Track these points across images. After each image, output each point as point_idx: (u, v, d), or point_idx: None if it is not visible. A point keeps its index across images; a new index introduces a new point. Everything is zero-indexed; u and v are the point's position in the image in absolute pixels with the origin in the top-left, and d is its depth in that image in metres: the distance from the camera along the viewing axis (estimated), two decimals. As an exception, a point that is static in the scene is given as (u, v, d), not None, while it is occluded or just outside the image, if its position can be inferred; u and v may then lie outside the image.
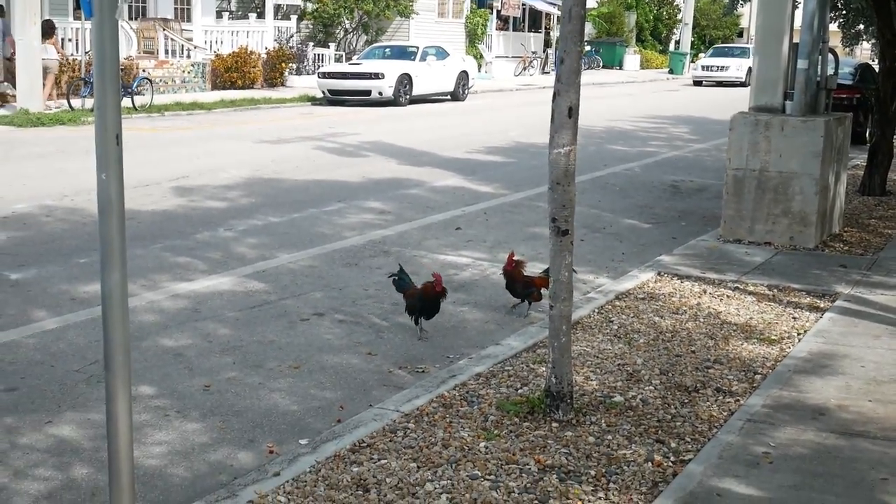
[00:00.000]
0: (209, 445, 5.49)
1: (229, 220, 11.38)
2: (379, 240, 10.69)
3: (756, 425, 5.55)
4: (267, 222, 11.38)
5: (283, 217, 11.69)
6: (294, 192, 13.41)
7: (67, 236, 10.26)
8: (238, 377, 6.51)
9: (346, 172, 15.33)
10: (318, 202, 12.72)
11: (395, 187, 14.14)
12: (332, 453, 5.11)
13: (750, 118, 10.54)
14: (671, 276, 9.05)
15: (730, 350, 6.97)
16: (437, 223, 11.74)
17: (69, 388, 6.19)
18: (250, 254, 9.84)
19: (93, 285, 8.44)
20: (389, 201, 13.01)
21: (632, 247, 10.84)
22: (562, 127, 5.50)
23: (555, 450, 5.19)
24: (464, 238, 10.95)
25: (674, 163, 18.24)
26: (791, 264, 9.64)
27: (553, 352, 5.64)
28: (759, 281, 8.94)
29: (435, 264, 9.63)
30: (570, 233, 5.60)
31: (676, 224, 12.25)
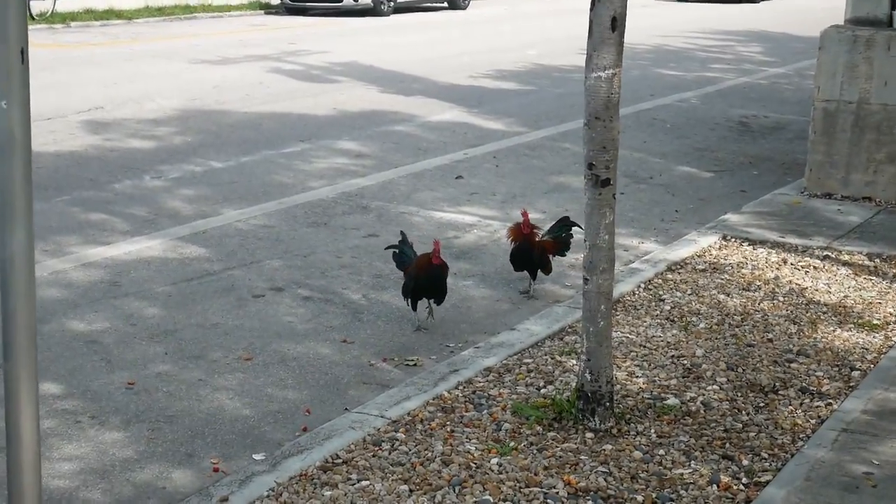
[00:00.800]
0: (134, 461, 5.45)
1: (158, 166, 11.34)
2: (355, 191, 10.66)
3: (854, 437, 5.52)
4: (208, 168, 11.35)
5: (229, 161, 11.66)
6: (243, 129, 13.37)
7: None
8: (171, 372, 6.48)
9: (311, 103, 15.29)
10: (274, 142, 12.68)
11: (376, 123, 14.10)
12: (296, 472, 5.06)
13: (846, 34, 10.47)
14: (740, 241, 9.03)
15: (819, 338, 6.94)
16: (431, 170, 11.72)
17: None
18: (186, 209, 9.82)
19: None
20: (369, 141, 12.99)
21: (687, 202, 10.83)
22: (603, 43, 5.43)
23: (590, 468, 5.16)
24: (467, 190, 10.93)
25: (743, 92, 18.20)
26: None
27: (588, 339, 5.61)
28: (857, 248, 8.91)
29: (429, 224, 9.62)
30: (612, 183, 5.56)
31: (747, 172, 12.23)
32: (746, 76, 20.15)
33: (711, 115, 15.77)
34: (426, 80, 17.78)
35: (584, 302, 5.69)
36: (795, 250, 8.84)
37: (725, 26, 28.92)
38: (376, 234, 9.27)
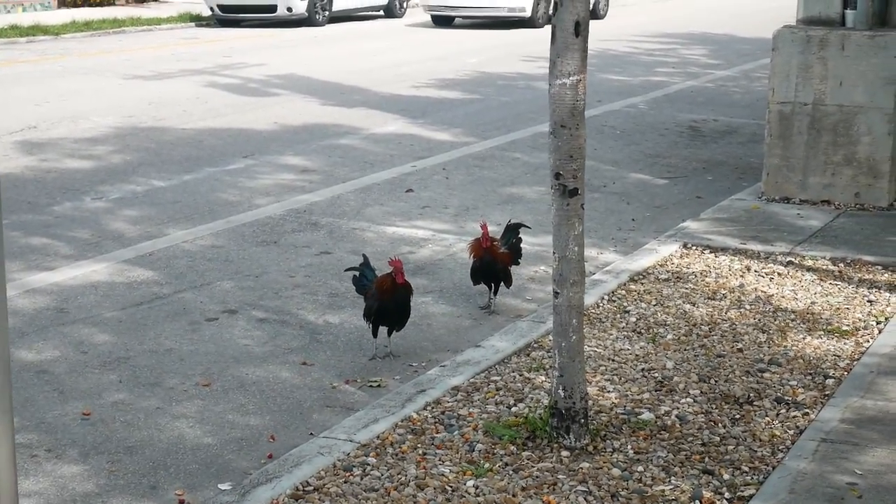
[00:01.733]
0: (95, 495, 5.38)
1: (98, 186, 11.25)
2: (304, 208, 10.62)
3: (835, 447, 5.54)
4: (150, 187, 11.26)
5: (172, 180, 11.57)
6: (183, 146, 13.28)
7: None
8: (127, 400, 6.41)
9: (251, 118, 15.24)
10: (216, 159, 12.62)
11: (320, 136, 14.06)
12: (266, 501, 5.01)
13: (799, 34, 10.55)
14: (701, 249, 9.06)
15: (789, 346, 6.98)
16: (380, 184, 11.70)
17: None
18: (130, 231, 9.74)
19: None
20: (314, 155, 12.95)
21: (644, 210, 10.87)
22: (567, 49, 5.42)
23: (569, 487, 5.15)
24: (418, 203, 10.91)
25: (690, 96, 18.32)
26: (860, 229, 9.70)
27: (560, 355, 5.60)
28: (820, 252, 8.97)
29: (382, 239, 9.60)
30: (580, 193, 5.54)
31: (701, 178, 12.29)
32: (693, 79, 20.28)
33: (661, 121, 15.85)
34: (367, 90, 17.76)
35: (555, 316, 5.67)
36: (758, 257, 8.89)
37: (667, 29, 29.08)
38: (329, 252, 9.23)
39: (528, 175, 12.17)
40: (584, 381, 5.67)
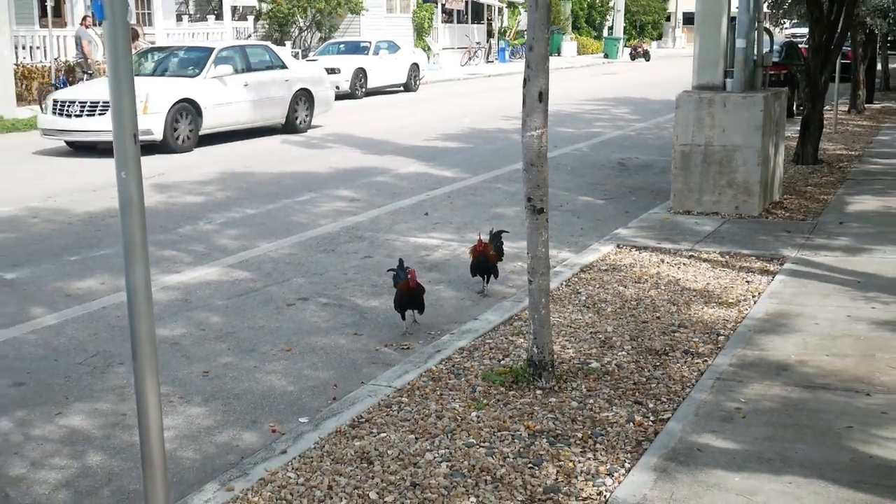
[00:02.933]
0: (214, 428, 5.43)
1: (208, 214, 11.25)
2: (352, 226, 10.62)
3: (725, 383, 5.58)
4: (244, 214, 11.27)
5: (259, 209, 11.58)
6: (266, 185, 13.28)
7: (56, 236, 10.09)
8: (234, 362, 6.44)
9: (313, 164, 15.22)
10: (290, 193, 12.61)
11: (362, 176, 14.06)
12: (333, 429, 5.06)
13: (694, 96, 10.59)
14: (629, 248, 9.08)
15: (692, 314, 7.01)
16: (405, 208, 11.69)
17: (74, 381, 6.10)
18: (232, 244, 9.75)
19: (86, 282, 8.32)
20: (358, 189, 12.94)
21: (589, 222, 10.87)
22: (533, 111, 5.47)
23: (542, 416, 5.19)
24: (431, 221, 10.91)
25: (618, 142, 18.30)
26: (739, 232, 9.72)
27: (534, 324, 5.63)
28: (712, 248, 9.00)
29: (407, 246, 9.61)
30: (545, 211, 5.58)
31: (627, 199, 12.29)
32: (620, 130, 20.24)
33: (599, 159, 15.83)
34: (394, 143, 17.73)
35: (530, 297, 5.71)
36: (669, 252, 8.90)
37: (601, 95, 29.05)
38: (370, 256, 9.24)
39: (507, 199, 12.18)
40: (551, 342, 5.70)
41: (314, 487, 4.43)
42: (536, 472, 4.55)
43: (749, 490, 4.31)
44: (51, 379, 6.13)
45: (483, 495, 4.33)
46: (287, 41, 35.59)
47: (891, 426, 4.95)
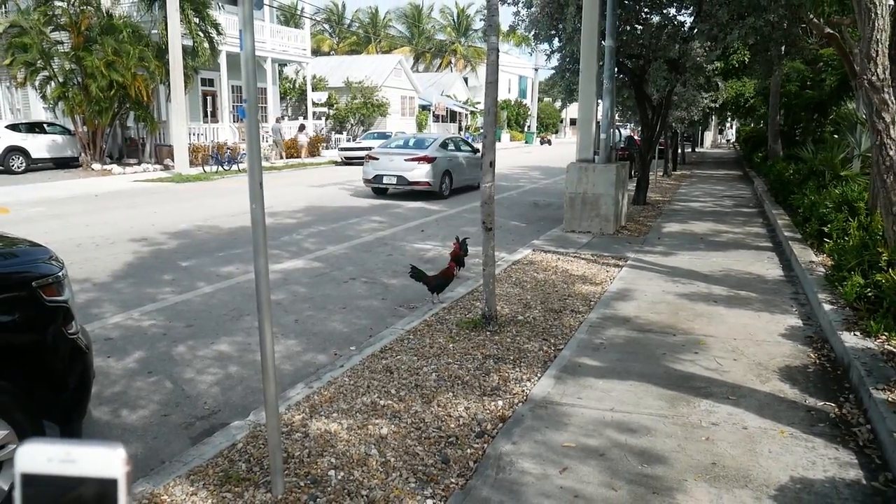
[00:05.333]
0: (301, 352, 5.38)
1: (298, 230, 11.13)
2: (381, 237, 10.53)
3: (595, 328, 5.59)
4: (318, 230, 11.16)
5: (327, 227, 11.47)
6: (331, 213, 13.15)
7: (210, 241, 9.98)
8: (312, 315, 6.38)
9: (358, 202, 15.07)
10: (345, 218, 12.50)
11: (387, 209, 13.94)
12: (369, 354, 5.03)
13: (577, 165, 10.58)
14: (540, 251, 9.05)
15: (576, 290, 7.00)
16: (411, 227, 11.61)
17: (222, 324, 6.04)
18: (311, 247, 9.65)
19: (227, 268, 8.25)
20: (384, 216, 12.84)
21: (517, 236, 10.82)
22: (487, 172, 5.46)
23: (490, 346, 5.18)
24: (426, 235, 10.86)
25: (533, 191, 18.22)
26: (602, 243, 9.71)
27: (486, 293, 5.63)
28: (586, 252, 8.99)
29: (412, 249, 9.56)
30: (492, 229, 5.57)
31: (538, 223, 12.25)
32: (534, 184, 20.14)
33: (522, 201, 15.75)
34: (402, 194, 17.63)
35: (483, 278, 5.69)
36: (563, 254, 8.87)
37: (523, 164, 28.97)
38: (391, 255, 9.17)
39: (471, 223, 12.12)
40: (495, 305, 5.69)
41: (359, 386, 4.40)
42: (487, 379, 4.54)
43: (608, 389, 4.32)
44: (207, 323, 6.07)
45: (456, 392, 4.32)
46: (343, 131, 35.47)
47: (686, 353, 4.98)
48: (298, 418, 3.97)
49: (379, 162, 15.78)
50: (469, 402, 4.19)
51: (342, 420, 3.94)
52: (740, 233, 10.60)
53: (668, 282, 7.25)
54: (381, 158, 15.83)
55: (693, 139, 41.26)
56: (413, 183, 15.36)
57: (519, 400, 4.23)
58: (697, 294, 6.70)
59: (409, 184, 15.40)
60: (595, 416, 3.96)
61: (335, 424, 3.88)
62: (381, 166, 15.80)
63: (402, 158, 15.70)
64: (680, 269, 7.87)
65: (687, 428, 3.81)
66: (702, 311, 6.08)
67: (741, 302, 6.40)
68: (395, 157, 15.82)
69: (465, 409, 4.08)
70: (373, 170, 15.66)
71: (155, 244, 9.76)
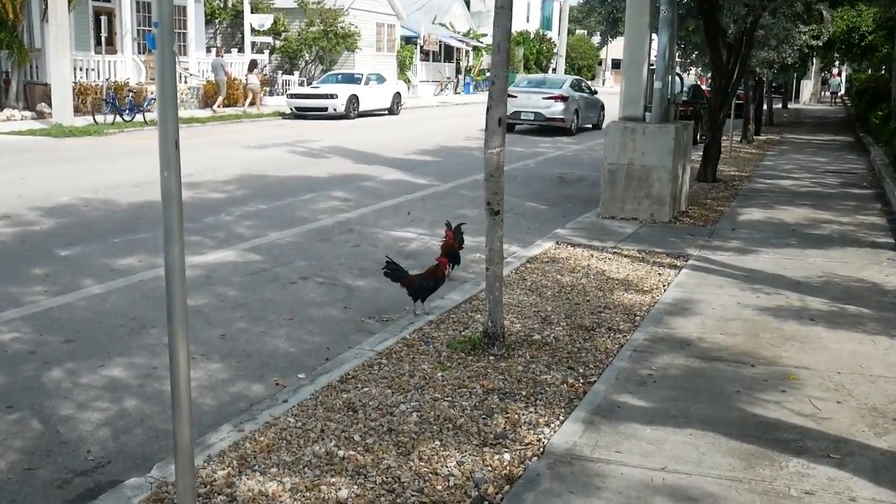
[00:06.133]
0: (229, 381, 5.36)
1: (228, 208, 11.13)
2: (344, 221, 10.53)
3: (641, 354, 5.59)
4: (257, 209, 11.15)
5: (270, 204, 11.46)
6: (276, 186, 13.15)
7: (103, 221, 9.93)
8: (246, 328, 6.37)
9: (314, 170, 15.09)
10: (295, 192, 12.50)
11: (354, 181, 13.96)
12: (325, 384, 5.01)
13: (620, 125, 10.60)
14: (566, 245, 9.07)
15: (615, 299, 7.01)
16: (387, 207, 11.61)
17: (115, 339, 6.00)
18: (247, 233, 9.64)
19: (127, 259, 8.21)
20: (350, 191, 12.85)
21: (534, 223, 10.84)
22: (494, 133, 5.44)
23: (494, 377, 5.17)
24: (408, 219, 10.85)
25: (559, 160, 18.30)
26: (653, 234, 9.74)
27: (489, 302, 5.62)
28: (631, 247, 9.01)
29: (388, 238, 9.56)
30: (500, 213, 5.56)
31: (565, 206, 12.28)
32: (560, 151, 20.24)
33: (542, 173, 15.82)
34: (380, 155, 17.61)
35: (487, 281, 5.68)
36: (597, 249, 8.90)
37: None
38: (358, 245, 9.17)
39: (470, 203, 12.13)
40: (502, 318, 5.68)
41: (309, 430, 4.38)
42: (489, 422, 4.53)
43: (658, 440, 4.31)
44: (96, 337, 6.03)
45: (445, 439, 4.31)
46: (295, 71, 35.36)
47: (770, 391, 4.98)
48: (222, 474, 3.94)
49: (517, 100, 23.09)
50: (463, 454, 4.17)
51: (284, 478, 3.92)
52: (849, 223, 10.64)
53: (744, 290, 7.26)
54: (518, 97, 23.33)
55: (785, 91, 41.34)
56: (550, 119, 22.78)
57: (533, 452, 4.22)
58: (786, 309, 6.71)
59: (546, 120, 23.25)
60: (640, 477, 3.95)
61: (274, 484, 3.86)
62: (519, 104, 23.25)
63: (540, 97, 23.64)
64: (762, 274, 7.88)
65: (770, 498, 3.80)
66: (792, 333, 6.09)
67: (849, 321, 6.41)
68: (533, 95, 23.73)
69: (458, 465, 4.07)
70: (510, 107, 21.79)
71: (21, 224, 9.69)
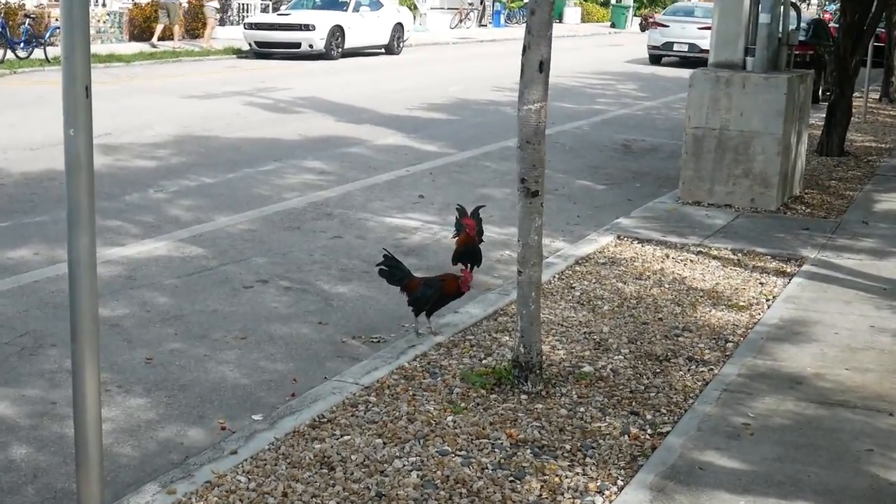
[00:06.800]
0: (156, 422, 5.36)
1: (160, 181, 11.17)
2: (321, 201, 10.56)
3: (733, 395, 5.56)
4: (200, 183, 11.19)
5: (218, 177, 11.51)
6: (227, 151, 13.20)
7: (-15, 198, 10.00)
8: (181, 349, 6.38)
9: (280, 130, 15.15)
10: (253, 161, 12.54)
11: (335, 146, 13.99)
12: (290, 429, 5.01)
13: (710, 75, 10.56)
14: (631, 240, 9.06)
15: (698, 317, 6.99)
16: (381, 184, 11.64)
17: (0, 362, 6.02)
18: (185, 216, 9.68)
19: (17, 251, 8.25)
20: (329, 160, 12.88)
21: (586, 209, 10.84)
22: (532, 82, 5.42)
23: (526, 423, 5.16)
24: (410, 199, 10.87)
25: (623, 121, 18.30)
26: (754, 227, 9.72)
27: (521, 320, 5.60)
28: (723, 245, 8.98)
29: (382, 227, 9.56)
30: (540, 194, 5.54)
31: (631, 185, 12.28)
32: (625, 108, 20.26)
33: (600, 140, 15.83)
34: (372, 111, 17.66)
35: (519, 290, 5.67)
36: (675, 247, 8.89)
37: (605, 68, 29.06)
38: (340, 236, 9.19)
39: (497, 179, 12.14)
40: (539, 341, 5.67)
41: (267, 494, 4.38)
42: (518, 487, 4.51)
43: (755, 517, 4.29)
44: (-27, 359, 6.05)
45: (457, 510, 4.30)
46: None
47: (915, 451, 4.94)
48: (144, 552, 3.93)
49: (669, 29, 28.89)
50: (481, 531, 4.17)
51: (230, 558, 3.91)
52: None
53: (881, 309, 7.22)
54: (671, 26, 28.96)
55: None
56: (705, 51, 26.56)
57: (579, 531, 4.21)
58: (937, 334, 6.68)
59: (700, 52, 26.87)
60: (728, 568, 3.92)
61: (215, 567, 3.85)
62: (672, 34, 29.05)
63: (695, 27, 28.80)
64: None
65: None
66: (945, 369, 6.05)
67: None
68: (688, 25, 29.50)
69: (473, 546, 4.05)
70: (661, 37, 30.19)
71: None
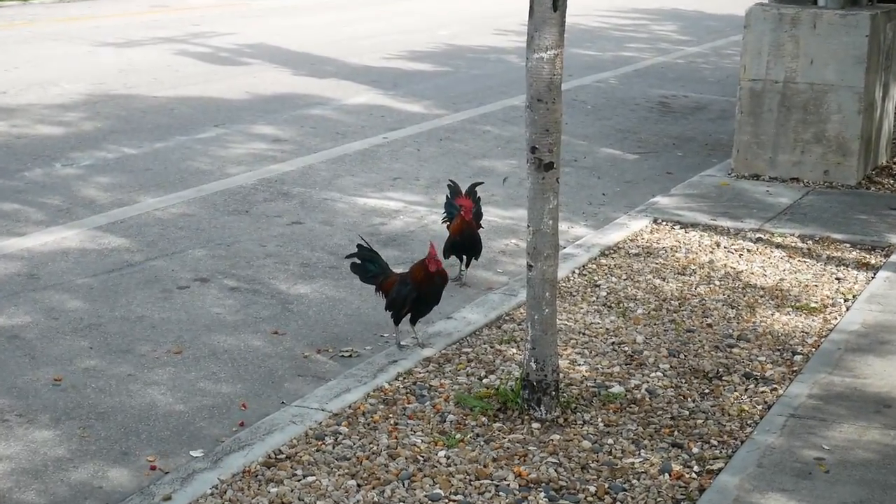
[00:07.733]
0: (68, 460, 5.34)
1: (69, 153, 11.17)
2: (275, 178, 10.58)
3: (803, 422, 5.57)
4: (121, 154, 11.19)
5: (143, 147, 11.51)
6: (154, 114, 13.20)
7: None
8: (99, 367, 6.37)
9: (222, 87, 15.15)
10: (188, 127, 12.55)
11: (292, 106, 14.00)
12: (239, 469, 5.01)
13: (772, 12, 10.56)
14: (672, 224, 9.08)
15: (758, 322, 7.00)
16: (351, 155, 11.65)
17: None
18: (102, 198, 9.69)
19: None
20: (285, 125, 12.90)
21: (614, 185, 10.87)
22: (544, 23, 5.42)
23: (539, 459, 5.16)
24: (390, 175, 10.89)
25: (660, 72, 18.31)
26: (829, 207, 9.74)
27: (533, 327, 5.61)
28: (789, 230, 9.01)
29: (354, 210, 9.58)
30: (555, 167, 5.54)
31: (671, 154, 12.30)
32: (663, 55, 20.27)
33: (631, 96, 15.86)
34: (339, 61, 17.67)
35: (529, 289, 5.68)
36: (728, 233, 8.92)
37: (637, 4, 29.02)
38: (300, 222, 9.21)
39: (500, 148, 12.16)
40: (555, 354, 5.68)
41: (210, 551, 4.39)
42: (529, 540, 4.53)
43: (831, 576, 4.31)
44: None
45: (452, 571, 4.32)
46: None
47: None
48: None
49: None
50: None
51: None
52: None
53: None
54: None
55: None
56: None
57: None
58: None
59: None
60: None
61: None
62: None
63: None
64: None
65: None
66: None
67: None
68: None
69: None
70: None
71: None
